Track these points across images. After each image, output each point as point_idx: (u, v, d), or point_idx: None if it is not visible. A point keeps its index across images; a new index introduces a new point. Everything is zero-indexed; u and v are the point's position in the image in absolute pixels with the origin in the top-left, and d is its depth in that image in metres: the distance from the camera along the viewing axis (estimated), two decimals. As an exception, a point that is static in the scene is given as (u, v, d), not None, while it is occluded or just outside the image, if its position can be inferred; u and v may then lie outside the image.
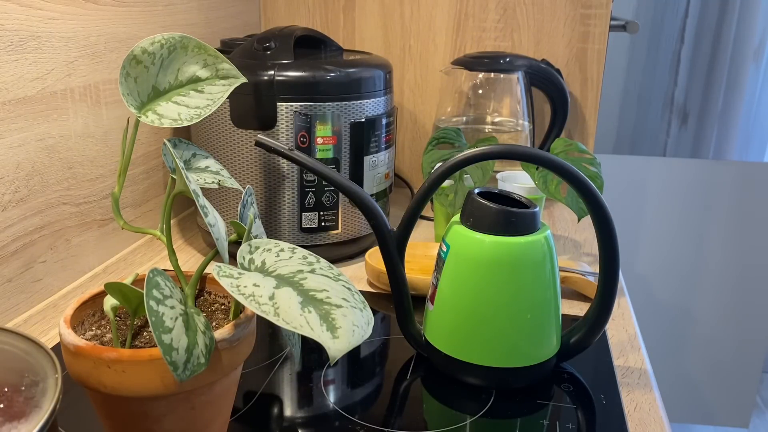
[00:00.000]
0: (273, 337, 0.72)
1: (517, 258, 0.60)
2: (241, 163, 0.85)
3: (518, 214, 0.61)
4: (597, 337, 0.65)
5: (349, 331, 0.41)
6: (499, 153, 0.60)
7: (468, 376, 0.63)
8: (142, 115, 0.50)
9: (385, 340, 0.73)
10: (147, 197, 0.93)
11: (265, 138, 0.64)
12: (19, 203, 0.69)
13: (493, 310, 0.61)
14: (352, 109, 0.85)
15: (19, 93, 0.68)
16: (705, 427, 2.07)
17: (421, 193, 0.62)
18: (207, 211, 0.47)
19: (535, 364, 0.63)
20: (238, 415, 0.59)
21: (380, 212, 0.63)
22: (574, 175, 0.59)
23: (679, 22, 1.69)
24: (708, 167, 1.78)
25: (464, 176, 0.87)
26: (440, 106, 1.14)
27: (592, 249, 0.98)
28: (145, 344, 0.49)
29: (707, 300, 1.88)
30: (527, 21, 1.14)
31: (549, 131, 1.15)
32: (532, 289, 0.61)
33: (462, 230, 0.62)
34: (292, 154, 0.63)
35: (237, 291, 0.41)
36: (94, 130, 0.80)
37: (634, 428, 0.59)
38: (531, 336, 0.62)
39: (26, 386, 0.37)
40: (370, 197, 0.63)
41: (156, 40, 0.51)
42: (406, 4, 1.17)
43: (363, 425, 0.58)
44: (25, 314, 0.71)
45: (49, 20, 0.71)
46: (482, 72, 1.09)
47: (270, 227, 0.87)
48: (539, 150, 0.60)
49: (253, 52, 0.85)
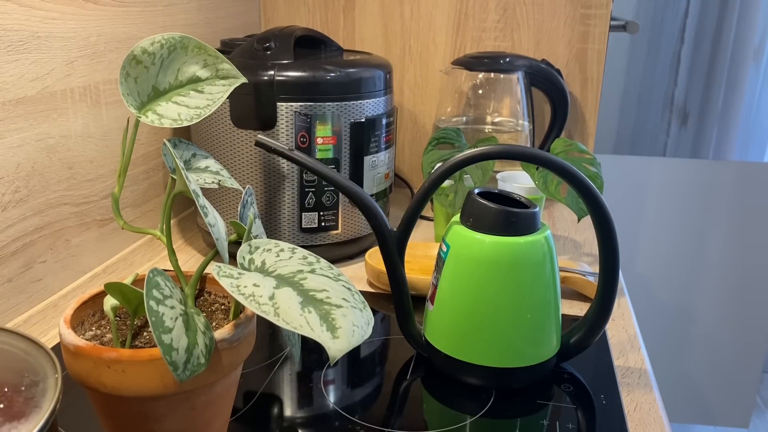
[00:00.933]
0: (273, 337, 0.72)
1: (517, 258, 0.60)
2: (241, 163, 0.85)
3: (518, 214, 0.61)
4: (597, 337, 0.65)
5: (349, 331, 0.41)
6: (499, 153, 0.60)
7: (468, 376, 0.63)
8: (142, 115, 0.50)
9: (385, 340, 0.73)
10: (147, 197, 0.93)
11: (265, 138, 0.64)
12: (19, 203, 0.69)
13: (493, 310, 0.61)
14: (352, 109, 0.85)
15: (19, 93, 0.68)
16: (705, 427, 2.07)
17: (421, 193, 0.62)
18: (207, 211, 0.47)
19: (535, 364, 0.63)
20: (238, 415, 0.59)
21: (380, 212, 0.63)
22: (574, 175, 0.59)
23: (679, 22, 1.69)
24: (708, 167, 1.78)
25: (464, 176, 0.87)
26: (440, 106, 1.14)
27: (592, 249, 0.98)
28: (145, 344, 0.49)
29: (707, 300, 1.88)
30: (527, 21, 1.14)
31: (549, 131, 1.15)
32: (532, 289, 0.61)
33: (462, 230, 0.62)
34: (292, 154, 0.63)
35: (237, 291, 0.41)
36: (94, 130, 0.80)
37: (634, 428, 0.59)
38: (531, 336, 0.62)
39: (26, 386, 0.37)
40: (369, 197, 0.63)
41: (156, 40, 0.51)
42: (406, 4, 1.17)
43: (363, 425, 0.58)
44: (25, 314, 0.71)
45: (49, 20, 0.71)
46: (482, 72, 1.09)
47: (270, 227, 0.87)
48: (539, 150, 0.60)
49: (253, 52, 0.85)
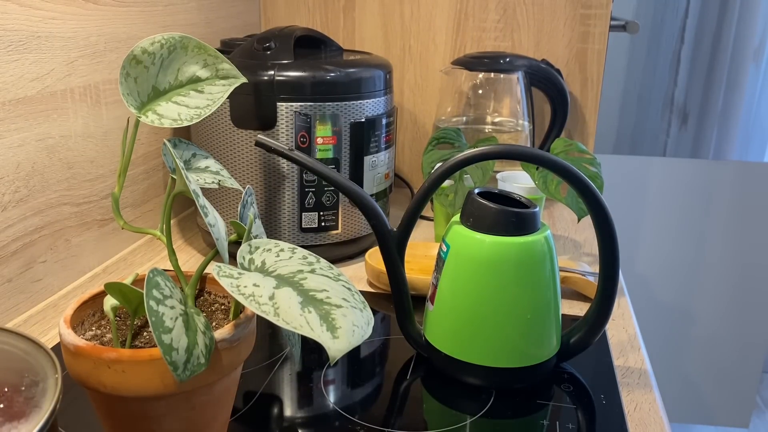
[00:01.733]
0: (273, 337, 0.72)
1: (517, 258, 0.60)
2: (241, 163, 0.85)
3: (518, 214, 0.61)
4: (597, 338, 0.65)
5: (349, 331, 0.41)
6: (499, 153, 0.60)
7: (468, 376, 0.63)
8: (142, 115, 0.50)
9: (385, 340, 0.73)
10: (147, 197, 0.93)
11: (265, 138, 0.64)
12: (19, 203, 0.69)
13: (493, 310, 0.61)
14: (352, 109, 0.85)
15: (19, 93, 0.68)
16: (705, 427, 2.07)
17: (421, 193, 0.62)
18: (207, 211, 0.47)
19: (535, 364, 0.63)
20: (238, 415, 0.59)
21: (380, 212, 0.63)
22: (574, 174, 0.59)
23: (679, 22, 1.69)
24: (708, 167, 1.78)
25: (464, 176, 0.87)
26: (440, 106, 1.14)
27: (592, 249, 0.98)
28: (145, 344, 0.49)
29: (707, 300, 1.88)
30: (527, 21, 1.14)
31: (549, 131, 1.15)
32: (532, 289, 0.61)
33: (462, 230, 0.62)
34: (292, 154, 0.63)
35: (237, 291, 0.41)
36: (94, 130, 0.80)
37: (634, 428, 0.59)
38: (531, 336, 0.62)
39: (26, 386, 0.37)
40: (370, 197, 0.63)
41: (156, 40, 0.51)
42: (406, 4, 1.17)
43: (363, 425, 0.58)
44: (25, 314, 0.71)
45: (49, 20, 0.71)
46: (482, 72, 1.09)
47: (270, 227, 0.87)
48: (539, 150, 0.60)
49: (253, 52, 0.85)
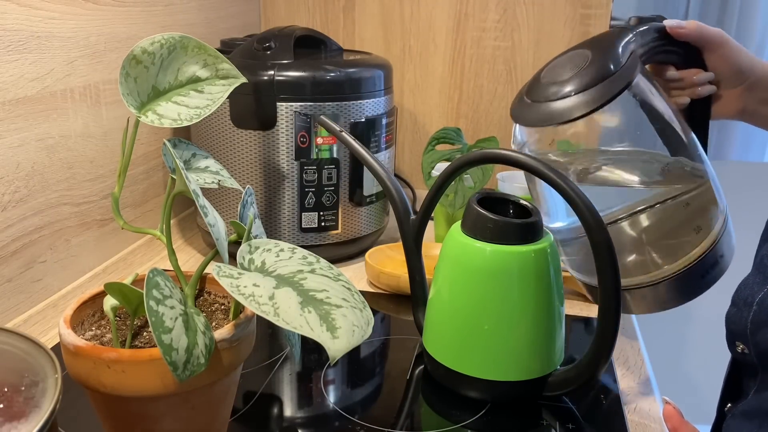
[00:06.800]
0: (273, 337, 0.72)
1: (519, 267, 0.58)
2: (241, 163, 0.85)
3: (520, 225, 0.59)
4: (591, 381, 0.59)
5: (349, 331, 0.41)
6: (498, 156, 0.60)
7: (467, 389, 0.61)
8: (142, 115, 0.50)
9: (385, 340, 0.73)
10: (147, 197, 0.93)
11: (326, 120, 0.73)
12: (19, 203, 0.69)
13: (494, 321, 0.59)
14: (352, 109, 0.85)
15: (19, 93, 0.68)
16: (705, 426, 2.07)
17: (444, 175, 0.64)
18: (207, 211, 0.47)
19: (536, 377, 0.60)
20: (238, 415, 0.59)
21: (407, 202, 0.68)
22: (567, 192, 0.54)
23: (679, 22, 1.69)
24: (708, 167, 1.78)
25: (464, 176, 0.87)
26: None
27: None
28: (145, 344, 0.49)
29: (707, 300, 1.88)
30: (527, 21, 1.14)
31: (549, 131, 1.15)
32: (534, 299, 0.59)
33: (462, 238, 0.60)
34: (341, 135, 0.71)
35: (237, 291, 0.41)
36: (94, 130, 0.80)
37: (634, 428, 0.59)
38: (533, 348, 0.59)
39: (26, 386, 0.37)
40: (401, 189, 0.69)
41: (156, 40, 0.51)
42: (406, 4, 1.17)
43: (363, 425, 0.58)
44: (25, 314, 0.71)
45: (49, 20, 0.71)
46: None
47: (270, 227, 0.87)
48: (542, 161, 0.56)
49: (253, 52, 0.85)
